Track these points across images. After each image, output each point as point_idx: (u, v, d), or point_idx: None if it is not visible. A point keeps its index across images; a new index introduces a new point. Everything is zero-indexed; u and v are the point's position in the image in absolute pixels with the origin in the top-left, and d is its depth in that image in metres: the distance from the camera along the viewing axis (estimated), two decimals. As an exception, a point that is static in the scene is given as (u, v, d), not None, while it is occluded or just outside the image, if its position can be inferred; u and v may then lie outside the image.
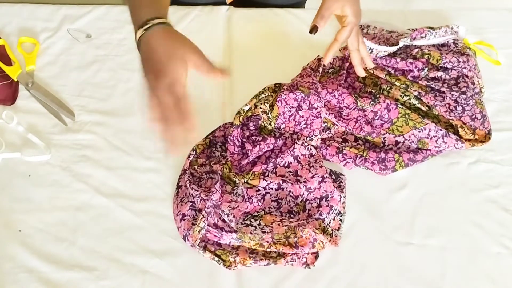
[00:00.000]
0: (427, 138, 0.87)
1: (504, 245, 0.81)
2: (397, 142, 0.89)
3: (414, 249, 0.81)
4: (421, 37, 0.96)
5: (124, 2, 0.77)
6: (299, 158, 0.86)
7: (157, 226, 0.81)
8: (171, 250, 0.79)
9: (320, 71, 0.96)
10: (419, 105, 0.91)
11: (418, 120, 0.88)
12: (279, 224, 0.78)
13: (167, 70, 0.65)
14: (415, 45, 0.97)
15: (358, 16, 0.84)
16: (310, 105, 0.89)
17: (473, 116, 0.90)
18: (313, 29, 0.82)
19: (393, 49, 0.95)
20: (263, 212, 0.81)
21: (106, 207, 0.83)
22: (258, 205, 0.81)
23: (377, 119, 0.90)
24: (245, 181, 0.83)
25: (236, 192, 0.82)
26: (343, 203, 0.83)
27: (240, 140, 0.87)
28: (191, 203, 0.80)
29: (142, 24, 0.69)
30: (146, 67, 0.68)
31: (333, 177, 0.85)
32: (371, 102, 0.90)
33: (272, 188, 0.83)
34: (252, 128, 0.88)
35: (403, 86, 0.91)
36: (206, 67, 0.68)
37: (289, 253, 0.77)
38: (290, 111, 0.89)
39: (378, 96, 0.90)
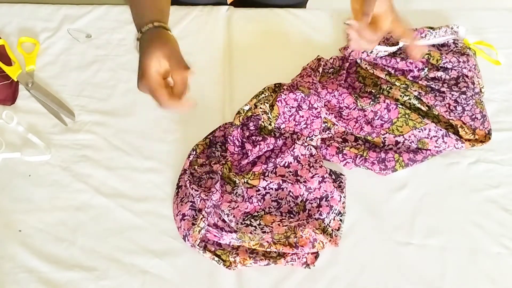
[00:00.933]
0: (427, 138, 0.87)
1: (504, 245, 0.81)
2: (397, 142, 0.89)
3: (414, 249, 0.81)
4: (421, 37, 0.96)
5: (126, 3, 0.78)
6: (299, 158, 0.86)
7: (157, 226, 0.81)
8: (171, 250, 0.79)
9: (320, 71, 0.96)
10: (419, 105, 0.91)
11: (418, 120, 0.88)
12: (279, 224, 0.78)
13: (147, 76, 0.69)
14: (415, 45, 0.97)
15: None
16: (310, 105, 0.89)
17: (473, 116, 0.90)
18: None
19: (393, 49, 0.95)
20: (263, 212, 0.81)
21: (106, 207, 0.83)
22: (258, 205, 0.81)
23: (377, 119, 0.90)
24: (245, 181, 0.83)
25: (236, 192, 0.82)
26: (343, 203, 0.83)
27: (240, 140, 0.87)
28: (191, 203, 0.80)
29: (140, 28, 0.72)
30: (139, 70, 0.71)
31: (333, 177, 0.85)
32: (371, 102, 0.90)
33: (272, 188, 0.83)
34: (252, 128, 0.88)
35: (403, 86, 0.91)
36: (176, 63, 0.70)
37: (289, 253, 0.77)
38: (290, 111, 0.89)
39: (378, 96, 0.90)
